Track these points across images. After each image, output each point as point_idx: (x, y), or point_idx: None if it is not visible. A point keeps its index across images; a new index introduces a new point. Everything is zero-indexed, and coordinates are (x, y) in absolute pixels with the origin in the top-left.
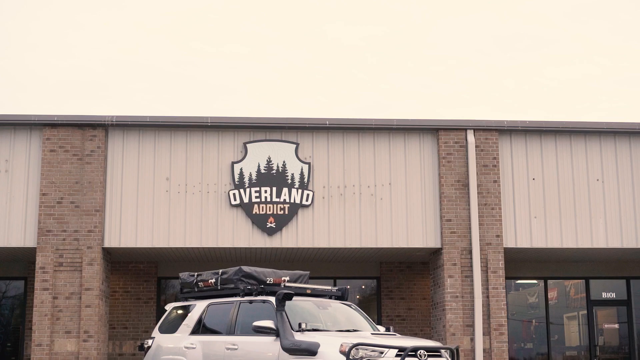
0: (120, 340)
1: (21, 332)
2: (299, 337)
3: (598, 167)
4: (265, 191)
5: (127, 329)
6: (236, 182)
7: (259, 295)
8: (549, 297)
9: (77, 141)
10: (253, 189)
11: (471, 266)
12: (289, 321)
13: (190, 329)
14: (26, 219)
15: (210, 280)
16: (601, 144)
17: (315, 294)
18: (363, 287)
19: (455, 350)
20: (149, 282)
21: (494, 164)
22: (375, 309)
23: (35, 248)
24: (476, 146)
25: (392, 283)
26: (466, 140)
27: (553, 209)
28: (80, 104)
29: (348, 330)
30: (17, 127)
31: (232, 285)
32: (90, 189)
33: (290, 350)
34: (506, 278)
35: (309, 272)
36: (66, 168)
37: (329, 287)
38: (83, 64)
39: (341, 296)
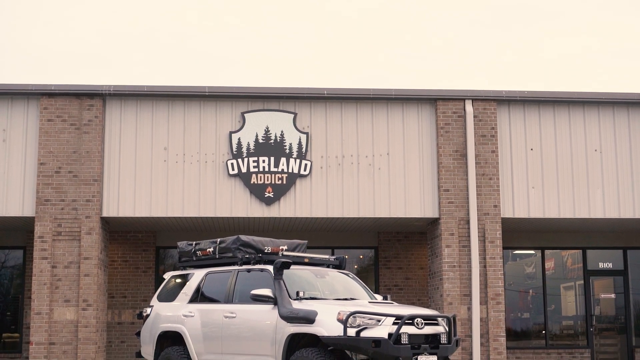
0: (119, 309)
1: (20, 301)
2: (296, 305)
3: (596, 137)
4: (263, 161)
5: (126, 298)
6: (234, 152)
7: (257, 264)
8: (546, 267)
9: (75, 111)
10: (251, 159)
11: (469, 236)
12: (286, 290)
13: (188, 298)
14: (24, 188)
15: (208, 249)
16: (600, 114)
17: (313, 262)
18: (361, 257)
19: (452, 319)
20: (148, 251)
21: (492, 134)
22: (372, 278)
23: (33, 217)
24: (474, 116)
25: (389, 253)
26: (464, 110)
27: (551, 179)
28: (78, 75)
29: (345, 299)
30: (15, 96)
31: (230, 254)
32: (88, 159)
33: (288, 318)
34: (503, 248)
35: (306, 241)
36: (64, 137)
37: (327, 256)
38: (81, 34)
39: (339, 265)
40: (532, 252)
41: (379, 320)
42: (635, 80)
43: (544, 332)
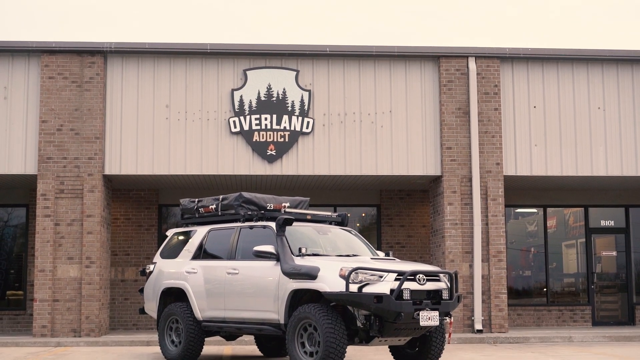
0: (123, 266)
1: (24, 259)
2: (299, 261)
3: (600, 95)
4: (266, 119)
5: (129, 256)
6: (236, 110)
7: (259, 220)
8: (547, 225)
9: (76, 68)
10: (253, 117)
11: (471, 194)
12: (289, 246)
13: (191, 254)
14: (26, 146)
15: (210, 206)
16: (603, 72)
17: (315, 219)
18: (363, 215)
19: (453, 275)
20: (150, 209)
21: (495, 92)
22: (375, 236)
23: (36, 175)
24: (477, 74)
25: (392, 211)
26: (467, 67)
27: (554, 137)
28: (79, 32)
29: (348, 255)
30: (15, 54)
31: (233, 211)
32: (90, 116)
33: (290, 274)
34: (506, 206)
35: (309, 198)
36: (65, 95)
37: (329, 213)
38: None
39: (341, 222)
40: (534, 210)
41: (381, 276)
42: None
43: (545, 289)
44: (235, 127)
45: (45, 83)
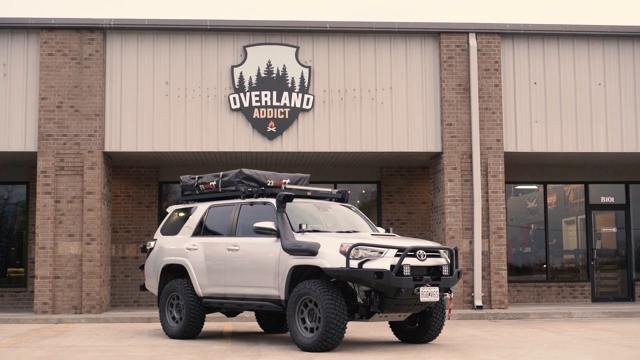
0: (123, 243)
1: (25, 237)
2: (299, 237)
3: (600, 71)
4: (266, 95)
5: (129, 233)
6: (236, 86)
7: (259, 197)
8: (548, 202)
9: (75, 45)
10: (253, 93)
11: (471, 170)
12: (289, 222)
13: (191, 231)
14: (26, 123)
15: (211, 183)
16: (604, 48)
17: (316, 196)
18: (364, 191)
19: (453, 251)
20: (151, 186)
21: (496, 68)
22: (375, 213)
23: (36, 152)
24: (478, 50)
25: (392, 187)
26: (468, 44)
27: (554, 113)
28: (78, 9)
29: (348, 232)
30: (14, 30)
31: (233, 188)
32: (89, 93)
33: (290, 250)
34: (506, 182)
35: (309, 175)
36: (65, 72)
37: (329, 190)
38: None
39: (341, 198)
40: (534, 187)
41: (382, 252)
42: None
43: (545, 266)
44: (235, 103)
45: (45, 60)
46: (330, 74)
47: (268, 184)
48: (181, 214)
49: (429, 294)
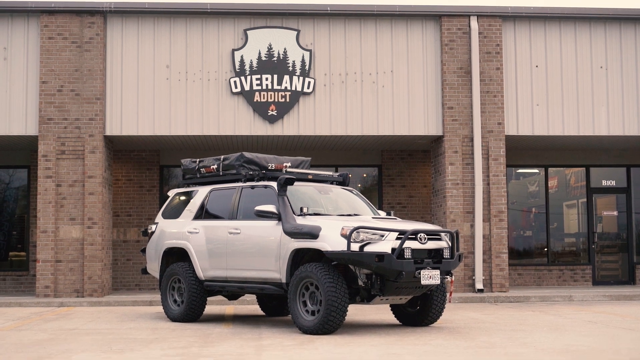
0: (125, 227)
1: (26, 221)
2: (300, 221)
3: (602, 54)
4: (266, 79)
5: (130, 217)
6: (237, 70)
7: (260, 180)
8: (549, 185)
9: (76, 28)
10: (254, 77)
11: (472, 154)
12: (290, 206)
13: (193, 215)
14: (27, 107)
15: (212, 166)
16: (606, 30)
17: (317, 179)
18: (365, 175)
19: (454, 234)
20: (152, 170)
21: (497, 51)
22: (376, 197)
23: (37, 136)
24: (479, 33)
25: (393, 171)
26: (469, 27)
27: (555, 96)
28: None
29: (349, 215)
30: (14, 14)
31: (234, 171)
32: (90, 77)
33: (292, 234)
34: (507, 166)
35: (310, 158)
36: (65, 56)
37: (330, 173)
38: None
39: (342, 182)
40: (535, 170)
41: (383, 235)
42: None
43: (546, 249)
44: (236, 87)
45: (45, 44)
46: (331, 58)
47: (269, 168)
48: (182, 198)
49: (429, 276)
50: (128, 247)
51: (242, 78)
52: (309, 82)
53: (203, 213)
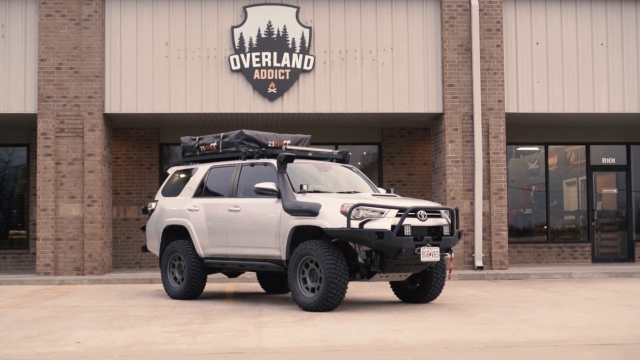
0: (124, 205)
1: (26, 199)
2: (300, 198)
3: (603, 31)
4: (266, 56)
5: (130, 195)
6: (236, 47)
7: (260, 158)
8: (549, 163)
9: (74, 5)
10: (253, 54)
11: (472, 131)
12: (290, 183)
13: (192, 192)
14: (25, 85)
15: (211, 144)
16: (607, 7)
17: (317, 156)
18: (365, 153)
19: (454, 211)
20: (151, 148)
21: (498, 28)
22: (376, 174)
23: (36, 114)
24: (480, 10)
25: (393, 149)
26: (470, 3)
27: (556, 74)
28: None
29: (349, 192)
30: None
31: (234, 149)
32: (89, 55)
33: (292, 211)
34: (507, 144)
35: (310, 135)
36: (64, 33)
37: (330, 150)
38: None
39: (342, 159)
40: (535, 148)
41: (382, 213)
42: None
43: (545, 227)
44: (235, 65)
45: (43, 21)
46: (331, 35)
47: (269, 145)
48: (182, 175)
49: (429, 254)
50: (128, 225)
51: (242, 55)
52: (309, 60)
53: (203, 191)
